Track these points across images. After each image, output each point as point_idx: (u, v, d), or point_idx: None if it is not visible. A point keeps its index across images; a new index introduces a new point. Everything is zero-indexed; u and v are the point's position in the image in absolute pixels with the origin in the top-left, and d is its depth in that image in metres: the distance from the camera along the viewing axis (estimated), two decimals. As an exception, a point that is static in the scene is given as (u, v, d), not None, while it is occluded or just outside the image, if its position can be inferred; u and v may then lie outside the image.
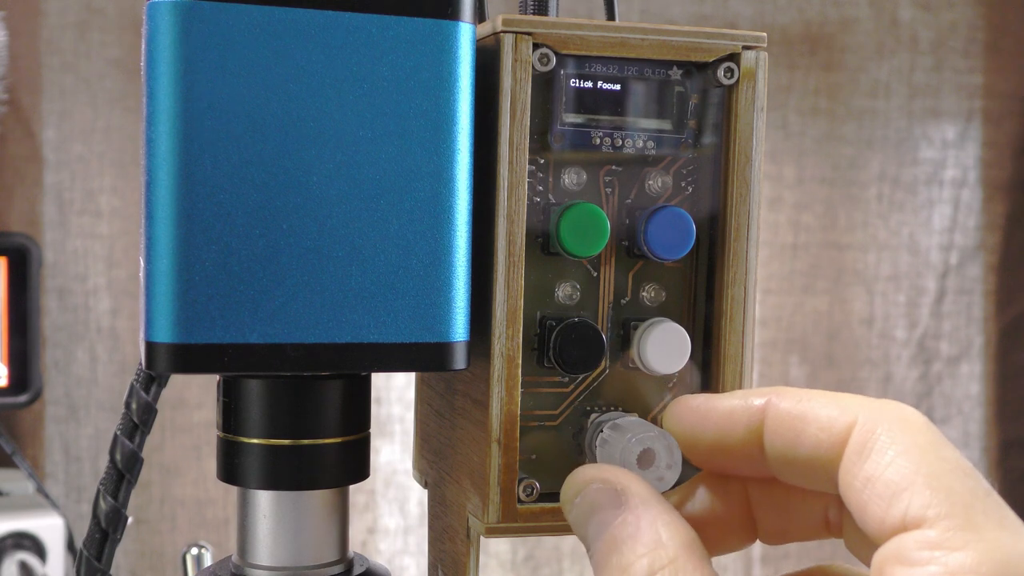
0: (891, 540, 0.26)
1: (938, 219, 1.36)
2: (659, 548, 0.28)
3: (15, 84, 1.09)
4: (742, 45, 0.35)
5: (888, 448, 0.27)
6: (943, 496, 0.25)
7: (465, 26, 0.32)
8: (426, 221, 0.32)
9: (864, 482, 0.27)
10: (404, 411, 1.21)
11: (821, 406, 0.29)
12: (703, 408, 0.31)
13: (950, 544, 0.25)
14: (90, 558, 0.37)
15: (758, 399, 0.30)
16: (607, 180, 0.35)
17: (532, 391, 0.35)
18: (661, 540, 0.28)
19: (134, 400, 0.37)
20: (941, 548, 0.25)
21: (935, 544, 0.25)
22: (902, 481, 0.26)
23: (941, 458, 0.26)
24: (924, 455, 0.26)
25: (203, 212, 0.31)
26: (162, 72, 0.31)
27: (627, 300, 0.36)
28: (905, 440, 0.27)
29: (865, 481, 0.27)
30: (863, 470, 0.27)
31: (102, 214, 1.12)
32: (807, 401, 0.29)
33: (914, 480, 0.26)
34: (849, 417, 0.28)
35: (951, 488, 0.26)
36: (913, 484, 0.26)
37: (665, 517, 0.29)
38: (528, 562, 1.27)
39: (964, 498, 0.25)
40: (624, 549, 0.28)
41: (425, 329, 0.33)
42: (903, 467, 0.26)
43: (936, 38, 1.34)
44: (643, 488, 0.30)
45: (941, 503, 0.25)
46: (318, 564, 0.35)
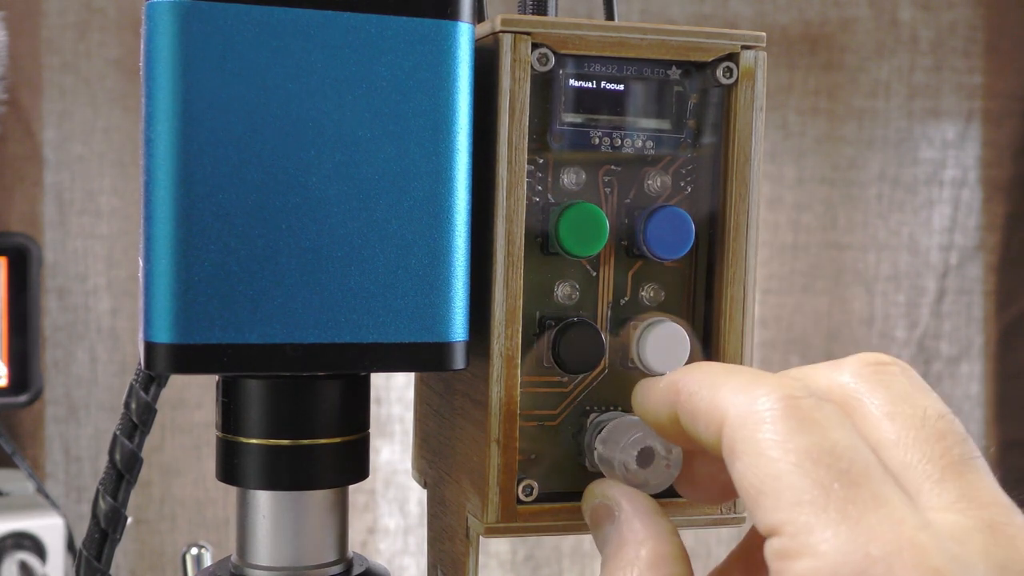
0: None
1: (938, 219, 1.36)
2: (628, 567, 0.30)
3: (15, 84, 1.09)
4: (741, 45, 0.35)
5: (743, 454, 0.26)
6: (785, 500, 0.25)
7: (464, 26, 0.32)
8: (425, 221, 0.32)
9: (737, 487, 0.27)
10: (404, 411, 1.21)
11: (704, 402, 0.28)
12: (645, 388, 0.32)
13: (792, 552, 0.24)
14: (90, 558, 0.37)
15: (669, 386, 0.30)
16: (606, 180, 0.35)
17: (531, 391, 0.35)
18: (635, 559, 0.30)
19: (134, 400, 0.37)
20: (786, 558, 0.25)
21: (781, 554, 0.25)
22: (752, 489, 0.26)
23: (787, 451, 0.25)
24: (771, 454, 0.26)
25: (203, 212, 0.31)
26: (162, 72, 0.31)
27: (626, 300, 0.36)
28: (757, 442, 0.26)
29: (737, 486, 0.27)
30: (733, 475, 0.27)
31: (102, 214, 1.12)
32: (695, 395, 0.29)
33: (762, 486, 0.25)
34: (719, 417, 0.27)
35: (792, 488, 0.25)
36: (761, 491, 0.25)
37: (642, 534, 0.30)
38: (528, 562, 1.27)
39: (805, 497, 0.25)
40: (608, 566, 0.30)
41: (424, 329, 0.33)
42: (754, 472, 0.26)
43: (936, 38, 1.34)
44: (633, 503, 0.31)
45: (784, 507, 0.25)
46: (318, 564, 0.35)
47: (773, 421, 0.26)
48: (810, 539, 0.24)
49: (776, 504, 0.25)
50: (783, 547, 0.25)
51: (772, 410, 0.26)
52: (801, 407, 0.26)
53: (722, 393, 0.28)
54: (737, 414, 0.27)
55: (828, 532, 0.24)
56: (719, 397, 0.28)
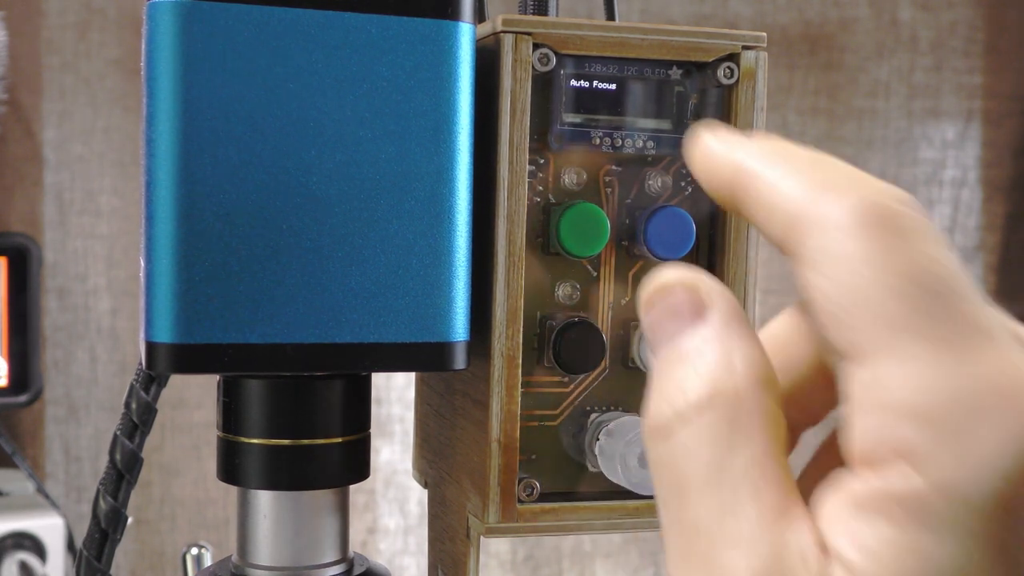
0: None
1: (938, 219, 1.36)
2: (726, 374, 0.24)
3: (15, 84, 1.09)
4: (742, 45, 0.35)
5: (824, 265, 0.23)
6: (873, 320, 0.22)
7: (465, 26, 0.32)
8: (426, 221, 0.32)
9: (810, 302, 0.23)
10: (404, 411, 1.21)
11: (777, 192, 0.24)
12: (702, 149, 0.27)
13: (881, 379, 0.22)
14: (90, 558, 0.37)
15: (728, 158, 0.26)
16: (607, 180, 0.35)
17: (532, 391, 0.35)
18: (732, 366, 0.24)
19: (134, 400, 0.37)
20: (873, 386, 0.22)
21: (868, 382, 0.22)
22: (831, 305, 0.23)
23: (881, 268, 0.22)
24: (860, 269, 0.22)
25: (203, 212, 0.31)
26: (162, 72, 0.31)
27: (627, 300, 0.36)
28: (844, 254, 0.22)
29: (810, 301, 0.23)
30: (807, 288, 0.23)
31: (102, 214, 1.12)
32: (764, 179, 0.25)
33: (845, 303, 0.22)
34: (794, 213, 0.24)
35: (884, 307, 0.22)
36: (844, 308, 0.22)
37: (744, 344, 0.24)
38: (528, 562, 1.27)
39: (898, 319, 0.22)
40: (687, 363, 0.24)
41: (425, 329, 0.33)
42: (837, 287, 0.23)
43: (936, 38, 1.34)
44: (731, 306, 0.25)
45: (871, 328, 0.22)
46: (318, 564, 0.35)
47: (859, 231, 0.23)
48: (900, 362, 0.22)
49: (857, 323, 0.22)
50: (870, 373, 0.22)
51: (860, 219, 0.23)
52: (893, 217, 0.23)
53: (802, 191, 0.24)
54: (816, 218, 0.23)
55: (921, 355, 0.21)
56: (799, 195, 0.24)
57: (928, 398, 0.21)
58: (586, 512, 0.35)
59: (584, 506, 0.35)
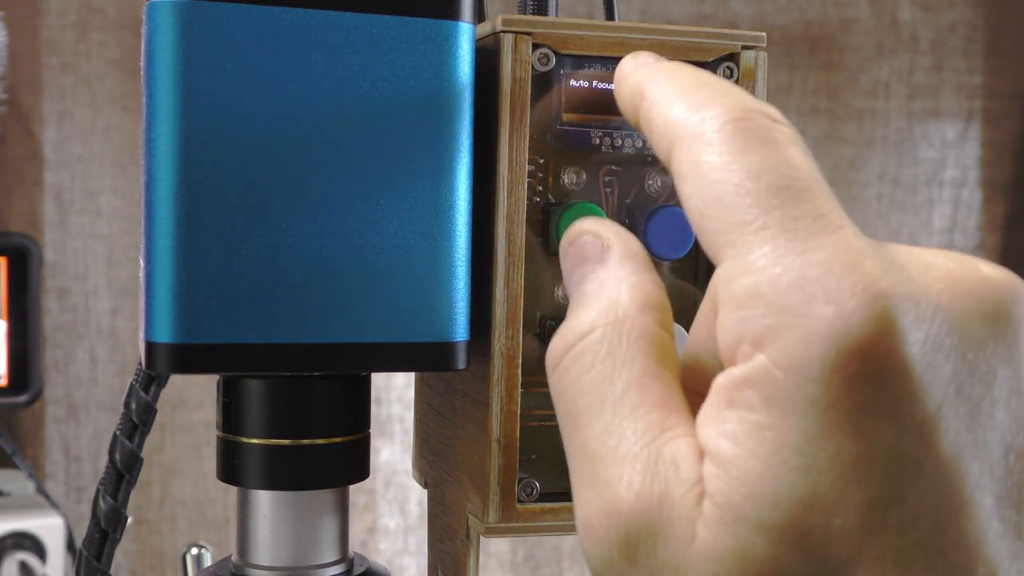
0: None
1: (938, 219, 1.36)
2: (612, 305, 0.26)
3: (15, 84, 1.09)
4: (741, 45, 0.35)
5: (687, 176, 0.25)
6: (726, 221, 0.24)
7: (465, 26, 0.32)
8: (426, 221, 0.32)
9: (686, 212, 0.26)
10: (404, 411, 1.21)
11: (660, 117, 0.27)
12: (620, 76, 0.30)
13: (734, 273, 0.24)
14: (90, 558, 0.37)
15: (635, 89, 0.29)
16: (606, 180, 0.35)
17: (532, 391, 0.35)
18: (618, 299, 0.26)
19: (134, 400, 0.37)
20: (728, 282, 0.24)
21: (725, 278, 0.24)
22: (696, 212, 0.25)
23: (731, 172, 0.24)
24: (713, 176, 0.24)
25: (203, 212, 0.31)
26: (162, 72, 0.31)
27: (627, 300, 0.36)
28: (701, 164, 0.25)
29: (685, 211, 0.26)
30: (681, 199, 0.26)
31: (102, 214, 1.12)
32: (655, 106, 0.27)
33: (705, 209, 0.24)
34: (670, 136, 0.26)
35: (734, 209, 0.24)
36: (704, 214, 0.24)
37: (634, 278, 0.27)
38: (528, 562, 1.27)
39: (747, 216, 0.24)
40: (584, 301, 0.27)
41: (425, 329, 0.33)
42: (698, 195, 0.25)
43: (936, 38, 1.34)
44: (628, 246, 0.28)
45: (726, 229, 0.24)
46: (318, 564, 0.35)
47: (719, 142, 0.25)
48: (749, 257, 0.23)
49: (718, 227, 0.24)
50: (726, 271, 0.24)
51: (720, 131, 0.25)
52: (751, 127, 0.25)
53: (677, 110, 0.26)
54: (685, 134, 0.25)
55: (767, 247, 0.23)
56: (674, 115, 0.26)
57: (771, 284, 0.23)
58: (586, 512, 0.35)
59: (584, 506, 0.35)
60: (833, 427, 0.22)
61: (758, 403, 0.23)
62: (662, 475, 0.24)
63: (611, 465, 0.24)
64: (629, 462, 0.24)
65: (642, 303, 0.26)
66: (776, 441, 0.22)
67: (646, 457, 0.24)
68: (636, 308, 0.26)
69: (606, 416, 0.25)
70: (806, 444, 0.22)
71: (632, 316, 0.26)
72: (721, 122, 0.25)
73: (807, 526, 0.22)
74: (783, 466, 0.22)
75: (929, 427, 0.22)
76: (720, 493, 0.23)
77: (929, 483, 0.22)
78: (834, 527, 0.22)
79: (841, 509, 0.22)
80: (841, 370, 0.22)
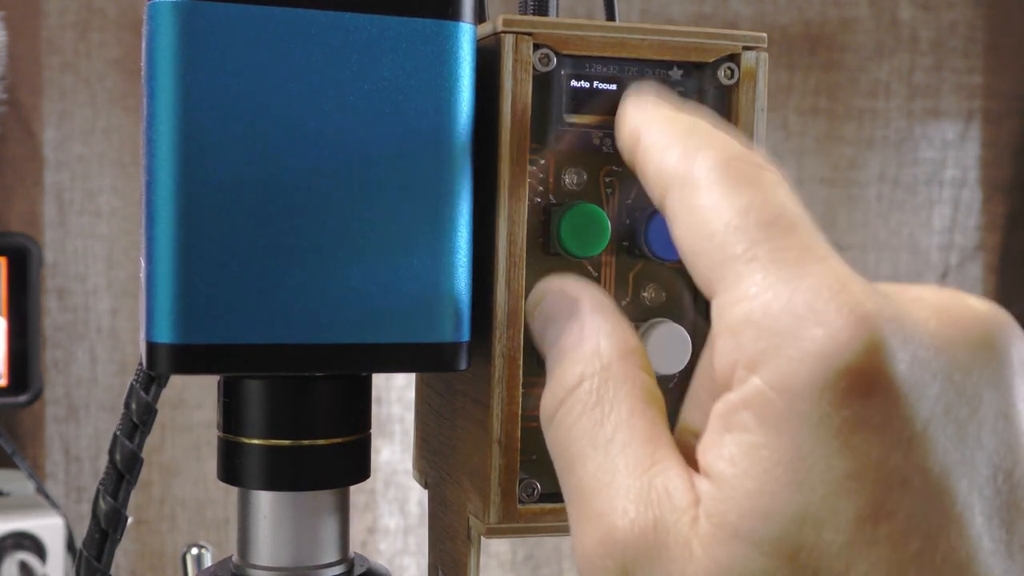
0: None
1: (938, 219, 1.36)
2: (593, 356, 0.27)
3: (15, 84, 1.09)
4: (742, 45, 0.35)
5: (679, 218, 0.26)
6: (718, 256, 0.25)
7: (465, 26, 0.32)
8: (427, 221, 0.32)
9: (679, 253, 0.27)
10: (404, 411, 1.21)
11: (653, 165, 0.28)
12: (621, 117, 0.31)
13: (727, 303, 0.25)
14: (90, 558, 0.37)
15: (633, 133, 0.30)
16: (607, 181, 0.35)
17: (533, 391, 0.35)
18: (599, 349, 0.28)
19: (134, 400, 0.37)
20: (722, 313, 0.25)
21: (719, 310, 0.25)
22: (689, 252, 0.26)
23: (722, 211, 0.25)
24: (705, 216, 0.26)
25: (203, 212, 0.31)
26: (162, 72, 0.31)
27: (628, 301, 0.36)
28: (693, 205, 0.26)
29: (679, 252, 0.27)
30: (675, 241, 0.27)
31: (102, 214, 1.12)
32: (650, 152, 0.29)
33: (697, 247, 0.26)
34: (663, 184, 0.28)
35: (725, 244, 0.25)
36: (696, 252, 0.26)
37: (608, 326, 0.28)
38: (528, 562, 1.27)
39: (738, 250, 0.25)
40: (566, 357, 0.28)
41: (425, 329, 0.33)
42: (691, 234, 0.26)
43: (936, 38, 1.34)
44: (595, 296, 0.29)
45: (718, 264, 0.25)
46: (318, 564, 0.35)
47: (709, 185, 0.26)
48: (741, 287, 0.24)
49: (710, 263, 0.25)
50: (719, 303, 0.25)
51: (709, 175, 0.26)
52: (739, 170, 0.26)
53: (669, 157, 0.27)
54: (676, 179, 0.27)
55: (757, 276, 0.24)
56: (666, 161, 0.27)
57: (763, 310, 0.24)
58: (586, 512, 0.35)
59: (584, 506, 0.35)
60: (824, 443, 0.23)
61: (753, 424, 0.23)
62: (655, 502, 0.24)
63: (605, 499, 0.25)
64: (623, 494, 0.25)
65: (621, 350, 0.27)
66: (770, 459, 0.23)
67: (639, 488, 0.25)
68: (617, 355, 0.27)
69: (598, 456, 0.26)
70: (798, 460, 0.23)
71: (615, 363, 0.27)
72: (710, 166, 0.26)
73: (799, 541, 0.22)
74: (776, 483, 0.23)
75: (917, 443, 0.23)
76: (716, 513, 0.23)
77: (919, 498, 0.23)
78: (825, 541, 0.22)
79: (832, 523, 0.22)
80: (831, 388, 0.23)
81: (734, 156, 0.26)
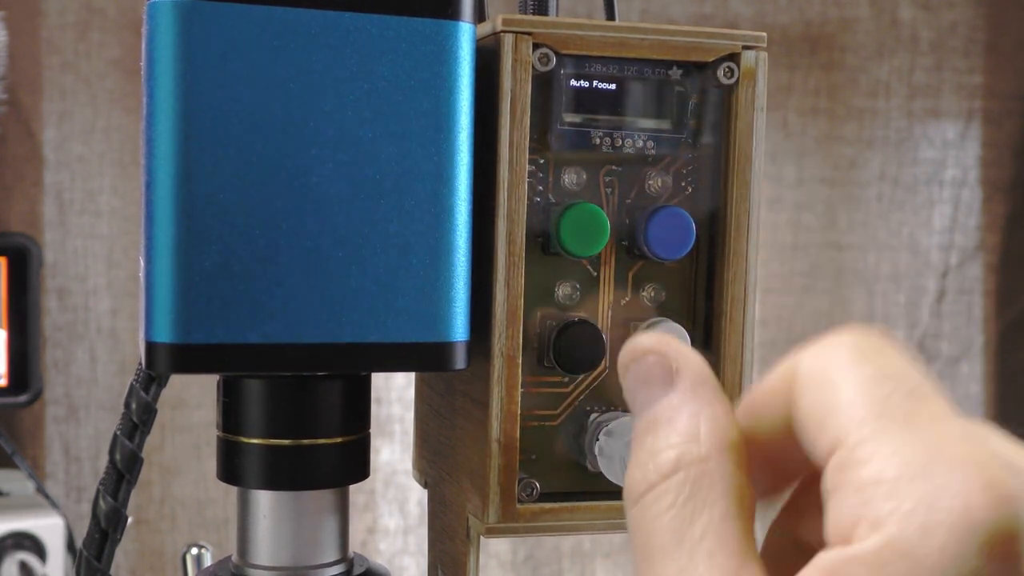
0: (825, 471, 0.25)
1: (938, 219, 1.36)
2: (692, 442, 0.26)
3: (15, 84, 1.09)
4: (742, 45, 0.35)
5: (807, 389, 0.25)
6: (847, 417, 0.24)
7: (465, 26, 0.32)
8: (426, 221, 0.32)
9: (801, 427, 0.26)
10: (404, 411, 1.21)
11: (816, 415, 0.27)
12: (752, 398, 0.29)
13: (856, 460, 0.24)
14: (90, 558, 0.37)
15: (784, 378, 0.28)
16: (607, 180, 0.35)
17: (532, 391, 0.35)
18: (698, 434, 0.26)
19: (134, 400, 0.37)
20: (849, 468, 0.24)
21: (843, 466, 0.24)
22: (814, 419, 0.25)
23: (850, 379, 0.25)
24: (834, 381, 0.25)
25: (203, 212, 0.31)
26: (162, 72, 0.31)
27: (627, 300, 0.36)
28: (821, 375, 0.25)
29: (801, 427, 0.26)
30: (798, 417, 0.26)
31: (102, 214, 1.12)
32: None
33: (825, 412, 0.25)
34: None
35: (855, 406, 0.24)
36: (824, 416, 0.25)
37: (710, 410, 0.26)
38: (528, 562, 1.27)
39: (869, 412, 0.24)
40: (659, 432, 0.26)
41: (425, 329, 0.33)
42: (818, 401, 0.25)
43: (936, 38, 1.34)
44: (699, 371, 0.27)
45: (846, 425, 0.24)
46: (318, 564, 0.35)
47: (836, 356, 0.25)
48: (874, 445, 0.23)
49: (838, 424, 0.24)
50: (844, 459, 0.24)
51: (837, 349, 0.26)
52: (867, 343, 0.26)
53: None
54: (807, 365, 0.26)
55: (895, 437, 0.23)
56: None
57: (897, 471, 0.23)
58: (586, 512, 0.35)
59: (584, 506, 0.35)
60: None
61: None
62: None
63: None
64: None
65: (721, 442, 0.26)
66: None
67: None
68: (716, 448, 0.26)
69: (682, 558, 0.25)
70: None
71: (713, 457, 0.26)
72: (839, 342, 0.26)
73: None
74: None
75: None
76: None
77: None
78: None
79: None
80: (957, 566, 0.22)
81: (862, 337, 0.26)
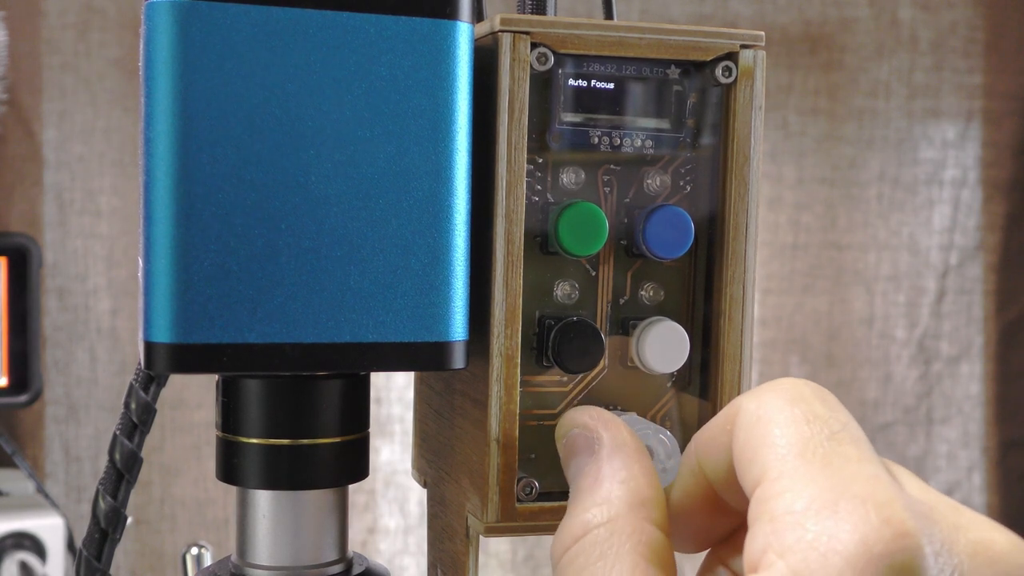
0: None
1: (938, 219, 1.36)
2: (604, 504, 0.28)
3: (15, 84, 1.09)
4: (740, 44, 0.35)
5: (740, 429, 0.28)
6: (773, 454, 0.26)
7: (463, 25, 0.32)
8: (425, 221, 0.32)
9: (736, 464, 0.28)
10: (404, 411, 1.21)
11: None
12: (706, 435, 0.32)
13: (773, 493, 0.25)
14: (90, 558, 0.37)
15: None
16: (605, 179, 0.35)
17: (531, 390, 0.35)
18: (610, 497, 0.28)
19: (133, 400, 0.37)
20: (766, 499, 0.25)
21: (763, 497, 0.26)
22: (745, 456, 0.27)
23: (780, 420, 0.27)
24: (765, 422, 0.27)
25: (202, 212, 0.31)
26: (161, 72, 0.31)
27: (626, 299, 0.36)
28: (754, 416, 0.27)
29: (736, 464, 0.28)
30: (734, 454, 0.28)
31: (102, 214, 1.12)
32: None
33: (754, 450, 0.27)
34: None
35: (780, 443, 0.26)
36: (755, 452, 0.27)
37: (623, 473, 0.29)
38: (528, 562, 1.27)
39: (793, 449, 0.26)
40: (580, 499, 0.29)
41: (424, 328, 0.33)
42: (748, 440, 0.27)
43: (936, 38, 1.34)
44: (616, 437, 0.30)
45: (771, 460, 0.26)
46: (317, 564, 0.35)
47: (774, 399, 0.27)
48: (790, 480, 0.25)
49: (764, 459, 0.26)
50: (764, 491, 0.26)
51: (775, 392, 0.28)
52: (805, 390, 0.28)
53: None
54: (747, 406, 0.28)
55: (810, 474, 0.25)
56: None
57: (806, 504, 0.25)
58: (585, 511, 0.35)
59: (583, 505, 0.35)
60: None
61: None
62: None
63: None
64: None
65: (632, 501, 0.28)
66: None
67: None
68: (627, 507, 0.28)
69: None
70: None
71: (623, 515, 0.28)
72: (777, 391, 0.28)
73: None
74: None
75: None
76: None
77: None
78: None
79: None
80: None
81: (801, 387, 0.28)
